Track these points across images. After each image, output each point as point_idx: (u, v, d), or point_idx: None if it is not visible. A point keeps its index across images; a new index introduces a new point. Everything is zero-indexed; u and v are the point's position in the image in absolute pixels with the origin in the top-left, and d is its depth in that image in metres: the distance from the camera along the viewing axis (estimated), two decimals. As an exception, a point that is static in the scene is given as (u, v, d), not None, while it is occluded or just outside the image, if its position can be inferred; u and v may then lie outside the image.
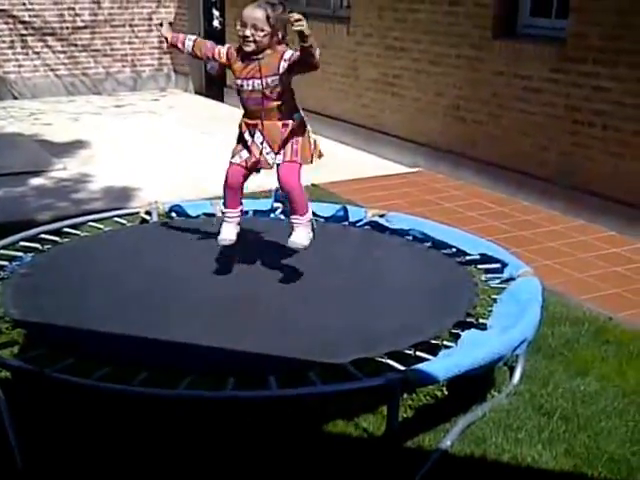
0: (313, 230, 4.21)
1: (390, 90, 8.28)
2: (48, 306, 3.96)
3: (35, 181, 7.53)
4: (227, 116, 10.53)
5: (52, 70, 12.01)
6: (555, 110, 6.55)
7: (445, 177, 7.61)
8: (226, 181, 4.27)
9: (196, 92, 12.48)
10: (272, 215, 5.38)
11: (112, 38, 12.34)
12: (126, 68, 12.59)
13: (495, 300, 4.09)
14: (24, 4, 11.52)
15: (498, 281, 4.27)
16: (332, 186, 7.20)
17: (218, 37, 11.62)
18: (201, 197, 6.55)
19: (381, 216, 5.12)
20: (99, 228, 5.23)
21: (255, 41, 3.90)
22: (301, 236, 4.16)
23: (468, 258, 4.56)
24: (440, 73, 7.63)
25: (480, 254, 4.53)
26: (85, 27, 12.09)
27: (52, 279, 4.35)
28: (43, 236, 4.94)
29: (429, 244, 4.79)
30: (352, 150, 8.74)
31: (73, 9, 11.92)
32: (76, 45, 12.08)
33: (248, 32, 3.89)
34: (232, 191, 4.28)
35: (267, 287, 4.24)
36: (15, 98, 11.81)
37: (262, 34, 3.89)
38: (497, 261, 4.42)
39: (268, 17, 3.88)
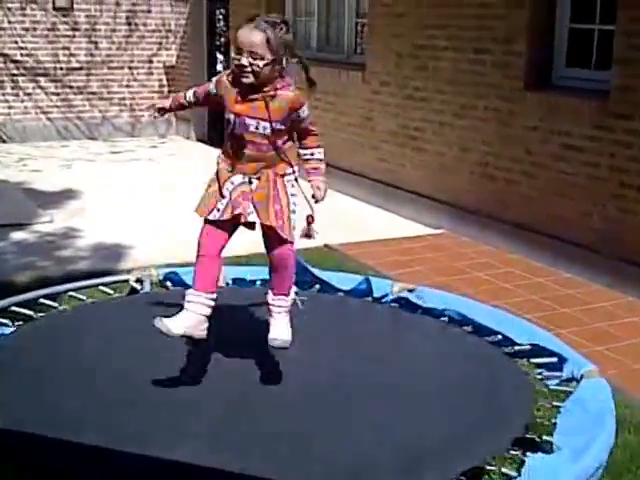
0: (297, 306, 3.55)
1: (410, 143, 7.61)
2: (7, 409, 3.20)
3: (17, 235, 6.81)
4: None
5: (44, 113, 11.42)
6: (598, 171, 5.86)
7: (472, 241, 6.89)
8: (200, 249, 3.43)
9: (198, 139, 11.92)
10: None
11: (109, 80, 11.80)
12: (124, 112, 12.04)
13: (558, 408, 3.35)
14: (16, 42, 10.92)
15: (557, 381, 3.57)
16: (347, 248, 6.48)
17: (222, 82, 11.03)
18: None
19: (410, 291, 4.42)
20: (80, 299, 4.49)
21: (254, 72, 3.27)
22: (284, 330, 3.41)
23: (517, 349, 3.85)
24: (466, 126, 6.97)
25: (531, 344, 3.81)
26: (81, 68, 11.53)
27: (16, 370, 3.60)
28: (14, 308, 4.21)
29: (469, 328, 4.06)
30: (368, 207, 8.05)
31: (68, 49, 11.36)
32: (71, 87, 11.51)
33: (245, 60, 3.26)
34: (208, 263, 3.42)
35: (273, 384, 3.50)
36: (3, 142, 11.18)
37: (262, 63, 3.26)
38: (553, 354, 3.69)
39: (268, 41, 3.26)
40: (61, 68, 11.37)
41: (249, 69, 3.23)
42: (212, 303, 3.37)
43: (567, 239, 6.11)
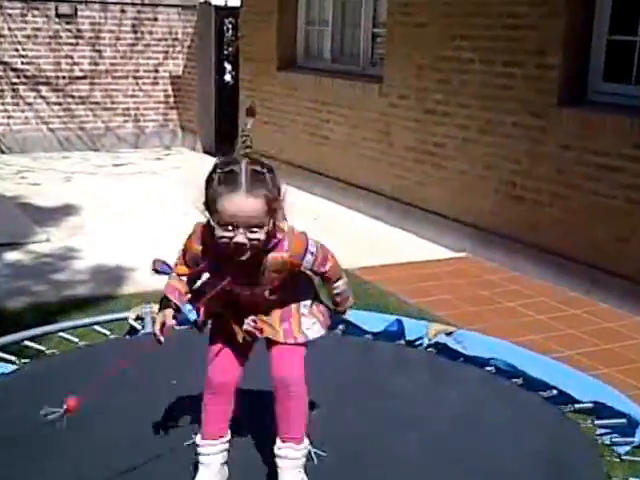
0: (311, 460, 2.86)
1: (430, 160, 7.15)
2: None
3: (11, 255, 6.35)
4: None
5: (45, 123, 10.97)
6: (638, 194, 5.41)
7: (497, 266, 6.43)
8: (210, 385, 2.81)
9: (205, 151, 11.48)
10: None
11: (113, 90, 11.34)
12: (128, 123, 11.61)
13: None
14: (17, 50, 10.50)
15: (628, 448, 3.06)
16: (365, 273, 6.02)
17: (229, 92, 10.66)
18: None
19: (448, 334, 3.94)
20: (72, 341, 4.02)
21: (252, 247, 2.50)
22: None
23: (578, 406, 3.36)
24: (492, 143, 6.51)
25: (593, 402, 3.32)
26: (84, 77, 11.09)
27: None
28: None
29: (519, 381, 3.58)
30: (385, 227, 7.59)
31: (71, 57, 10.93)
32: (73, 97, 11.06)
33: (242, 238, 2.46)
34: (221, 401, 2.81)
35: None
36: (2, 152, 10.75)
37: (264, 231, 2.50)
38: (620, 415, 3.21)
39: (269, 202, 2.49)
40: (63, 77, 10.93)
41: (247, 245, 2.47)
42: (228, 446, 2.84)
43: (602, 267, 5.65)
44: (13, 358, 3.75)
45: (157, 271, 2.88)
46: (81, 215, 7.69)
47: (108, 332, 4.14)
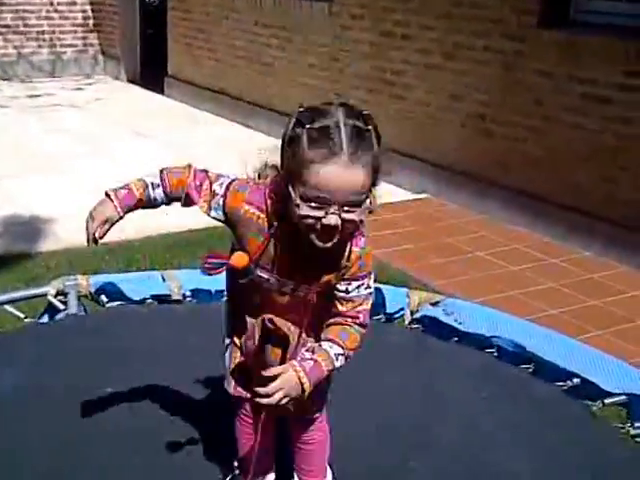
0: None
1: (387, 90, 6.41)
2: None
3: None
4: (168, 112, 8.69)
5: (-53, 49, 10.05)
6: (630, 128, 4.78)
7: (463, 209, 5.77)
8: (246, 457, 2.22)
9: (129, 80, 10.69)
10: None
11: (25, 12, 10.48)
12: (43, 49, 10.75)
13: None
14: None
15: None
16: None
17: (155, 12, 9.77)
18: (150, 235, 4.64)
19: (434, 304, 3.24)
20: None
21: (342, 230, 1.77)
22: None
23: (609, 401, 2.71)
24: (459, 71, 5.79)
25: (627, 394, 2.68)
26: (-9, -3, 10.22)
27: None
28: None
29: (530, 367, 2.92)
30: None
31: (-25, -26, 9.95)
32: (-21, 19, 10.20)
33: (335, 219, 1.74)
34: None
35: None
36: None
37: (361, 211, 1.77)
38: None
39: (375, 171, 1.76)
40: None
41: (339, 228, 1.76)
42: None
43: (585, 210, 5.04)
44: None
45: (208, 271, 1.93)
46: (-10, 155, 6.80)
47: (21, 315, 3.33)
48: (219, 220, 1.96)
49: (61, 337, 3.17)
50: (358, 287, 1.92)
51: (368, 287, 1.94)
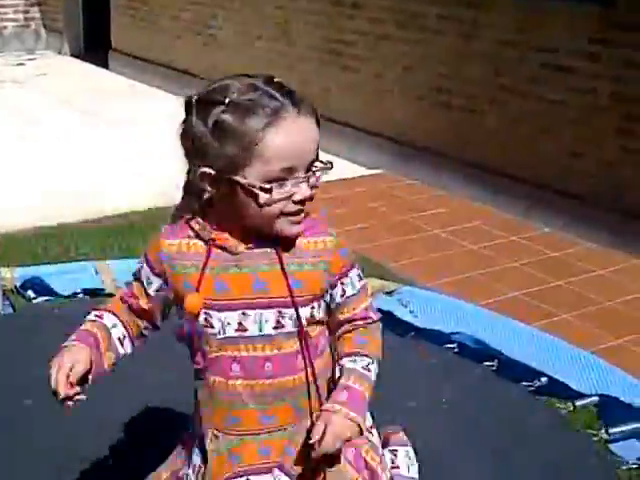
0: None
1: (338, 62, 6.11)
2: None
3: None
4: (113, 87, 8.30)
5: None
6: (595, 99, 4.55)
7: (420, 185, 5.51)
8: None
9: (73, 55, 10.22)
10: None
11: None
12: None
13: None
14: None
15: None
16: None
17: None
18: (88, 219, 4.35)
19: (388, 294, 2.98)
20: None
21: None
22: None
23: (580, 403, 2.46)
24: (413, 40, 5.51)
25: (600, 395, 2.43)
26: None
27: None
28: None
29: (494, 364, 2.66)
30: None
31: None
32: None
33: (304, 188, 1.48)
34: None
35: None
36: None
37: (321, 172, 1.51)
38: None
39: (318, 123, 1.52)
40: None
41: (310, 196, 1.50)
42: None
43: (547, 185, 4.82)
44: None
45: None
46: None
47: None
48: (163, 293, 1.60)
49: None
50: (352, 282, 1.59)
51: (360, 277, 1.61)
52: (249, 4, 6.96)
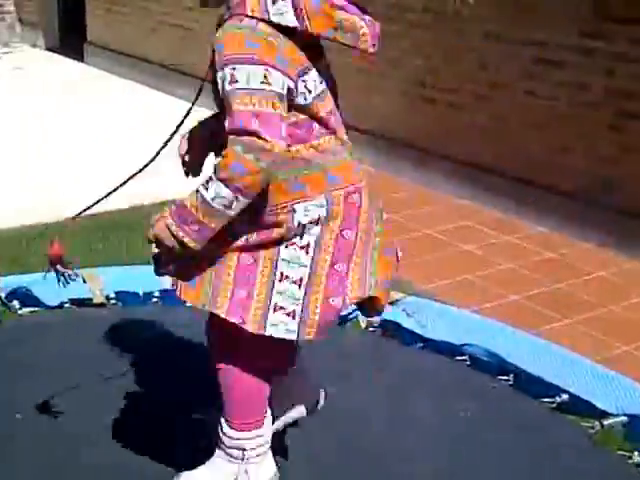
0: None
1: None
2: None
3: None
4: (89, 81, 8.10)
5: None
6: (587, 94, 4.40)
7: (406, 182, 5.35)
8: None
9: (48, 48, 9.96)
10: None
11: None
12: None
13: None
14: None
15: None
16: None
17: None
18: (60, 219, 4.16)
19: (392, 304, 2.82)
20: None
21: None
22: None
23: (607, 423, 2.30)
24: (396, 33, 5.33)
25: (628, 415, 2.27)
26: None
27: None
28: None
29: (509, 379, 2.50)
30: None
31: None
32: None
33: None
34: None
35: None
36: None
37: None
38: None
39: None
40: None
41: None
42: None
43: (537, 183, 4.68)
44: None
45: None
46: None
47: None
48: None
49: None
50: (222, 80, 1.68)
51: (234, 81, 1.66)
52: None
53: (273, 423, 2.03)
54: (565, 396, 2.42)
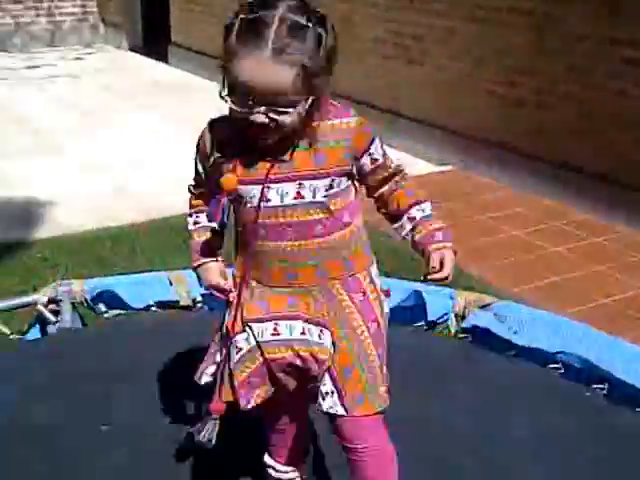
0: None
1: (405, 56, 5.97)
2: None
3: None
4: (174, 82, 8.26)
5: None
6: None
7: (493, 182, 5.35)
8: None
9: (131, 49, 10.18)
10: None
11: (22, -21, 10.04)
12: (40, 18, 10.27)
13: None
14: None
15: None
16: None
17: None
18: (150, 218, 4.29)
19: (484, 307, 2.84)
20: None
21: (277, 127, 1.65)
22: None
23: None
24: (482, 34, 5.34)
25: None
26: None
27: None
28: None
29: (604, 387, 2.52)
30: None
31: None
32: (-28, -12, 9.69)
33: (261, 117, 1.63)
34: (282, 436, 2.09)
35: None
36: None
37: (296, 113, 1.65)
38: None
39: (309, 73, 1.61)
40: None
41: (271, 125, 1.64)
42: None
43: (628, 183, 4.63)
44: None
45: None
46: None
47: (4, 328, 2.93)
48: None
49: (54, 358, 2.79)
50: (377, 149, 1.82)
51: (382, 143, 1.84)
52: (311, -3, 6.82)
53: None
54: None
